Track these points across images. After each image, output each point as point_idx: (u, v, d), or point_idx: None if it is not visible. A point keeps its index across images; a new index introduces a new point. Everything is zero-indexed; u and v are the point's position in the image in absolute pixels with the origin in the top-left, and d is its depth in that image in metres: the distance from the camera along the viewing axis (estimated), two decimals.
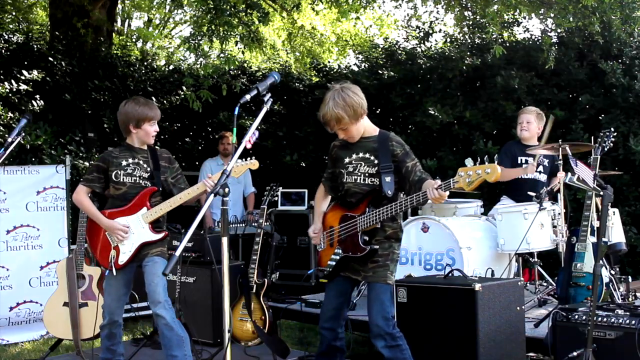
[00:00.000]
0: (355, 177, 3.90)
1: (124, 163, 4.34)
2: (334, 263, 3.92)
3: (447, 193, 3.55)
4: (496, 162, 3.40)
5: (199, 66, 9.30)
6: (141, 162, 4.37)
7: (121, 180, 4.32)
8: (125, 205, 4.31)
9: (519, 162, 5.98)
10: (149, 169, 4.37)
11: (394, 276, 3.87)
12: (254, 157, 4.25)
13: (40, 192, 6.28)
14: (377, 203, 3.79)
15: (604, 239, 4.99)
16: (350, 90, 3.81)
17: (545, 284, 5.72)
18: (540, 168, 5.93)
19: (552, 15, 8.20)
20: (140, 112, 4.33)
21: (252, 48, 8.42)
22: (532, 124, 5.98)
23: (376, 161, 3.84)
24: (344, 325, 4.04)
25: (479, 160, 3.44)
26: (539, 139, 5.99)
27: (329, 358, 4.00)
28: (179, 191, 4.35)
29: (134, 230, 4.28)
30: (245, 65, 10.74)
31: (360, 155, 3.90)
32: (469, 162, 3.41)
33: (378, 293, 3.79)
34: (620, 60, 7.72)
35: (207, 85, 7.72)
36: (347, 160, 3.94)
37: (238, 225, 7.11)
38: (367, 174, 3.87)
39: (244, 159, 4.19)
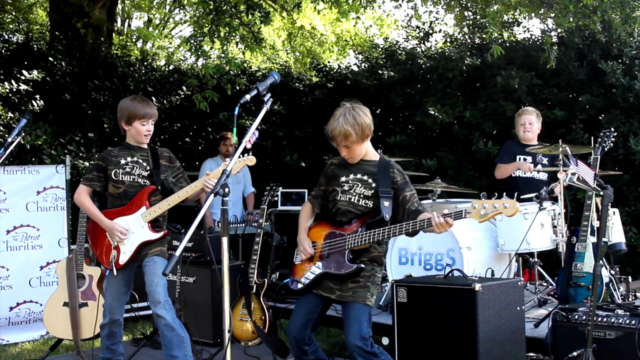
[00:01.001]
0: (350, 196, 3.88)
1: (122, 162, 4.33)
2: (312, 276, 3.89)
3: (454, 222, 3.53)
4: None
5: (200, 67, 9.30)
6: (140, 160, 4.36)
7: (120, 178, 4.31)
8: (125, 205, 4.31)
9: (518, 160, 6.04)
10: (148, 167, 4.36)
11: (374, 299, 3.84)
12: (250, 152, 4.22)
13: (40, 192, 6.28)
14: (371, 225, 3.79)
15: (604, 239, 4.99)
16: (361, 110, 3.83)
17: (545, 284, 5.72)
18: (539, 167, 5.95)
19: (552, 15, 8.21)
20: (132, 108, 4.30)
21: (253, 49, 8.43)
22: (533, 124, 6.04)
23: (373, 184, 3.84)
24: (312, 341, 3.96)
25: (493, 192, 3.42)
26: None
27: None
28: (179, 190, 4.33)
29: (133, 229, 4.27)
30: (246, 65, 10.74)
31: (358, 176, 3.90)
32: (483, 196, 3.39)
33: (357, 314, 3.75)
34: (620, 60, 7.72)
35: (211, 85, 7.73)
36: (343, 179, 3.92)
37: (238, 225, 7.11)
38: (362, 195, 3.86)
39: (241, 155, 4.16)
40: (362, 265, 3.79)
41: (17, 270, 6.12)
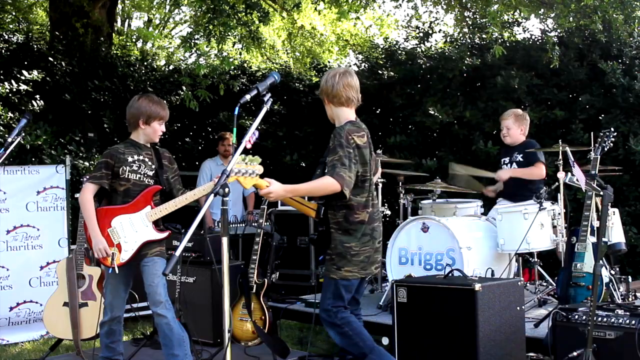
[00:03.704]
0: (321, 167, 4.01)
1: (129, 159, 4.36)
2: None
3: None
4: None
5: (192, 65, 9.28)
6: (146, 159, 4.41)
7: (126, 176, 4.33)
8: (128, 203, 4.32)
9: (500, 164, 6.16)
10: (153, 166, 4.42)
11: (344, 271, 3.84)
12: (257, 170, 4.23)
13: (40, 192, 6.28)
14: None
15: (604, 239, 4.99)
16: (332, 75, 4.04)
17: (545, 284, 5.72)
18: (515, 165, 6.00)
19: (552, 15, 8.20)
20: (152, 109, 4.41)
21: (251, 48, 8.41)
22: (511, 129, 6.06)
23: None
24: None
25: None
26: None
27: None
28: (176, 191, 4.43)
29: (137, 228, 4.29)
30: (245, 65, 10.74)
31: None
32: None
33: (324, 286, 3.90)
34: (620, 60, 7.72)
35: (204, 85, 7.72)
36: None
37: (238, 225, 7.10)
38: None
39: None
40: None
41: (17, 270, 6.12)
